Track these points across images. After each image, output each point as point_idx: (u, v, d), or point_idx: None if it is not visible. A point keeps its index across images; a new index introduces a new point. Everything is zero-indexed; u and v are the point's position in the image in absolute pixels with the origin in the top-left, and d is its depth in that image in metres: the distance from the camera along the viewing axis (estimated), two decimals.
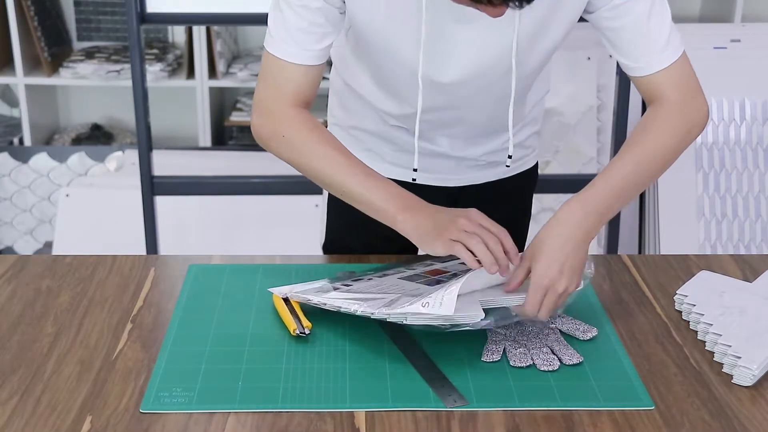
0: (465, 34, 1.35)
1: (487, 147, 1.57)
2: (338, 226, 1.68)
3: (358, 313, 1.28)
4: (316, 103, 1.45)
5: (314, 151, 1.39)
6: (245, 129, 3.57)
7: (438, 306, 1.21)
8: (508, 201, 1.65)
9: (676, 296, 1.42)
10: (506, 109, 1.40)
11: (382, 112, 1.54)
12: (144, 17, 2.52)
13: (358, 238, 1.63)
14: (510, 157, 1.43)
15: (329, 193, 1.68)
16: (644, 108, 3.11)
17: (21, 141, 3.51)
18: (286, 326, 1.34)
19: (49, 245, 3.35)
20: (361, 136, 1.60)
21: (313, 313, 1.35)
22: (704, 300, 1.38)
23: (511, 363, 1.26)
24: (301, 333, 1.31)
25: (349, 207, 1.47)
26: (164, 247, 2.73)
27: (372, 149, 1.59)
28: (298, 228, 2.83)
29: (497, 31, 1.34)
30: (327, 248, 1.71)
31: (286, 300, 1.37)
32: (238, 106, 3.60)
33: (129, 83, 2.59)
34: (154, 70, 3.37)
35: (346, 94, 1.59)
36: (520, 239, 1.70)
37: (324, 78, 1.44)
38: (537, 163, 1.71)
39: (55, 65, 3.47)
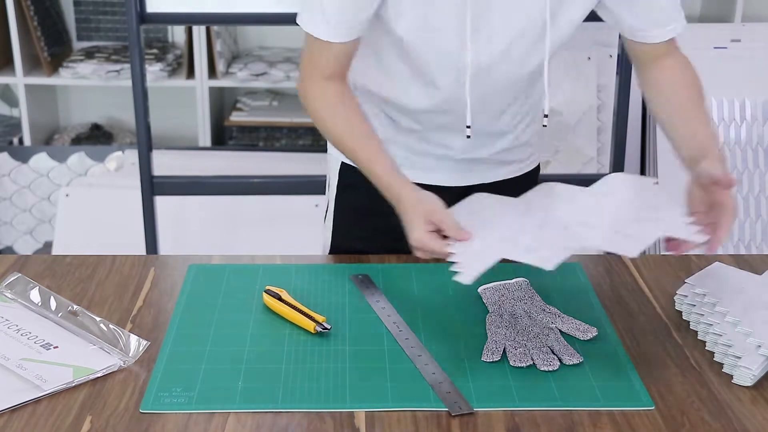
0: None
1: (497, 145, 1.59)
2: (345, 236, 1.68)
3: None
4: None
5: (331, 126, 1.47)
6: (245, 129, 3.57)
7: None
8: None
9: (677, 296, 1.42)
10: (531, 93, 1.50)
11: (396, 110, 1.55)
12: (144, 17, 2.52)
13: (368, 249, 1.62)
14: (546, 116, 1.48)
15: (335, 203, 1.67)
16: (644, 108, 3.12)
17: (21, 141, 3.51)
18: (302, 327, 1.33)
19: (49, 245, 3.35)
20: None
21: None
22: (718, 288, 1.37)
23: (511, 363, 1.26)
24: (323, 329, 1.32)
25: (356, 218, 1.48)
26: (164, 247, 2.73)
27: None
28: (298, 228, 2.82)
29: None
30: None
31: (279, 298, 1.37)
32: (238, 106, 3.60)
33: (129, 83, 2.59)
34: (154, 70, 3.37)
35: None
36: None
37: None
38: (539, 164, 1.73)
39: (55, 65, 3.47)
